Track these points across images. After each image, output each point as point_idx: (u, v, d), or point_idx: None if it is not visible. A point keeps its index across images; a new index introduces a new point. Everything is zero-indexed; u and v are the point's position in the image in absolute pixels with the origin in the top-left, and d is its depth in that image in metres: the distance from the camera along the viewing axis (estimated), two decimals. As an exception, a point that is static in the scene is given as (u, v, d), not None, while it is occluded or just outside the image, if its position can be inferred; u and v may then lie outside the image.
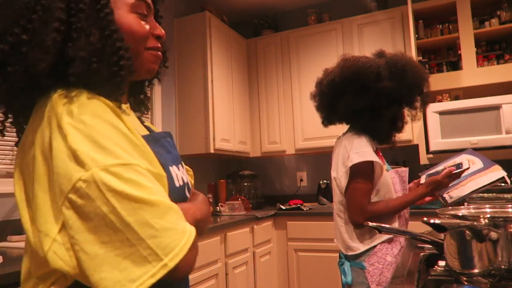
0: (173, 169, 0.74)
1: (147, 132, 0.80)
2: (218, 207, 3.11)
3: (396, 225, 1.51)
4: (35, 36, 0.62)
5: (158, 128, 2.97)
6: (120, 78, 0.67)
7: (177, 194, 0.71)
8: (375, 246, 1.46)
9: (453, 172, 1.49)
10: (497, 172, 1.49)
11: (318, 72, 3.54)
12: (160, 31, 0.77)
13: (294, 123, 3.43)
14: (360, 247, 1.47)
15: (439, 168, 1.58)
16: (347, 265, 1.48)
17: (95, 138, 0.58)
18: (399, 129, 1.63)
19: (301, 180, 3.70)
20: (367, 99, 1.48)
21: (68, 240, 0.57)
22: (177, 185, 0.73)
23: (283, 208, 3.17)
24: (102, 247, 0.55)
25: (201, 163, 3.48)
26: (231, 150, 3.26)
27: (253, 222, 2.81)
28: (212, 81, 3.07)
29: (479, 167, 1.51)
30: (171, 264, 0.56)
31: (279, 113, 3.51)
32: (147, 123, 0.90)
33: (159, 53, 0.77)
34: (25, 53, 0.61)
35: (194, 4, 3.51)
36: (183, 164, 0.83)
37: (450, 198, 1.50)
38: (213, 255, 2.31)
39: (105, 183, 0.56)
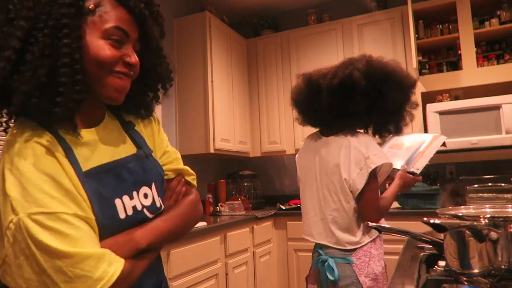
0: (121, 200, 0.76)
1: (112, 155, 0.80)
2: (218, 207, 3.11)
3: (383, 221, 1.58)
4: None
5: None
6: (61, 110, 0.68)
7: (123, 224, 0.75)
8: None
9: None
10: (440, 138, 1.68)
11: (318, 72, 3.52)
12: (132, 59, 0.76)
13: (294, 123, 3.42)
14: (364, 240, 1.48)
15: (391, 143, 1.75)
16: (331, 261, 1.48)
17: (25, 185, 0.64)
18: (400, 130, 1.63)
19: (301, 180, 3.69)
20: (379, 101, 1.50)
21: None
22: (122, 216, 0.76)
23: (283, 208, 3.17)
24: (25, 282, 0.63)
25: (201, 163, 3.48)
26: (231, 150, 3.26)
27: (253, 222, 2.81)
28: (212, 81, 3.07)
29: (427, 141, 1.67)
30: None
31: (279, 113, 3.50)
32: (140, 128, 0.91)
33: (123, 81, 0.76)
34: None
35: (194, 4, 3.51)
36: (153, 183, 0.84)
37: (417, 169, 1.61)
38: (213, 255, 2.31)
39: (27, 230, 0.62)
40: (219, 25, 3.24)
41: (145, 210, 0.81)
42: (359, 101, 1.45)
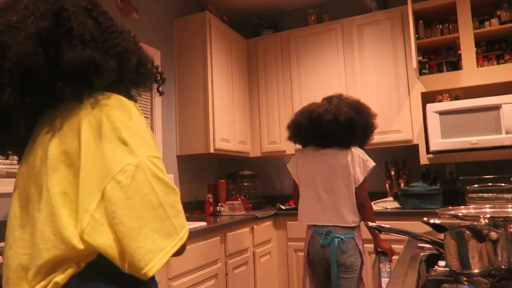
0: None
1: None
2: (218, 207, 3.11)
3: None
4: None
5: (158, 128, 2.97)
6: (160, 80, 0.90)
7: None
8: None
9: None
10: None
11: (318, 72, 3.54)
12: None
13: (294, 123, 3.43)
14: (358, 221, 2.10)
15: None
16: (343, 237, 2.05)
17: (139, 133, 0.73)
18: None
19: (301, 180, 3.70)
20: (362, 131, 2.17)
21: (102, 216, 0.67)
22: None
23: (283, 208, 3.17)
24: (139, 221, 0.67)
25: (201, 163, 3.48)
26: (231, 150, 3.26)
27: (253, 222, 2.81)
28: (212, 81, 3.07)
29: None
30: (184, 238, 0.71)
31: (279, 113, 3.50)
32: None
33: None
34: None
35: (194, 4, 3.51)
36: None
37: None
38: (213, 255, 2.31)
39: (150, 169, 0.70)
40: (219, 25, 3.24)
41: None
42: (356, 132, 2.10)
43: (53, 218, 0.69)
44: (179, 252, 0.72)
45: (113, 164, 0.68)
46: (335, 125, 2.05)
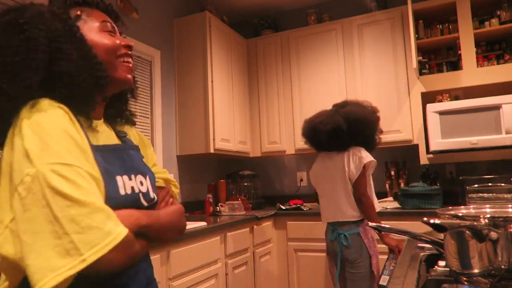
0: (122, 178, 0.81)
1: (114, 143, 0.90)
2: (218, 207, 3.11)
3: None
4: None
5: (158, 128, 2.97)
6: (100, 88, 0.81)
7: (122, 201, 0.78)
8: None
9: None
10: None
11: (318, 72, 3.54)
12: (128, 41, 0.91)
13: (294, 123, 3.43)
14: (357, 215, 2.21)
15: None
16: (346, 233, 2.17)
17: (44, 138, 0.67)
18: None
19: (301, 180, 3.70)
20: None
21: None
22: (122, 193, 0.79)
23: (283, 208, 3.17)
24: (33, 236, 0.62)
25: (201, 163, 3.48)
26: (231, 150, 3.26)
27: (253, 222, 2.81)
28: (212, 81, 3.07)
29: None
30: (90, 260, 0.62)
31: (279, 113, 3.50)
32: (133, 134, 1.02)
33: (130, 64, 0.90)
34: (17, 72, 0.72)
35: (194, 4, 3.51)
36: (147, 176, 0.91)
37: None
38: (213, 255, 2.31)
39: (45, 179, 0.64)
40: (219, 25, 3.24)
41: (140, 195, 0.85)
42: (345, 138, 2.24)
43: None
44: (97, 271, 0.64)
45: (16, 175, 0.65)
46: (324, 135, 2.26)
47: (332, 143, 2.27)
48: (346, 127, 2.21)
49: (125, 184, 0.81)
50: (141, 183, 0.86)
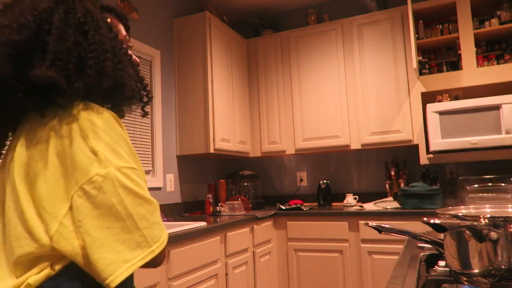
0: None
1: None
2: (218, 207, 3.11)
3: None
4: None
5: (158, 128, 2.97)
6: (143, 102, 0.89)
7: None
8: None
9: None
10: None
11: (318, 72, 3.55)
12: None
13: (294, 123, 3.43)
14: None
15: None
16: None
17: (110, 143, 0.72)
18: None
19: (301, 180, 3.70)
20: None
21: (71, 223, 0.68)
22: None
23: (283, 208, 3.17)
24: (104, 232, 0.67)
25: (201, 163, 3.48)
26: (231, 150, 3.26)
27: (253, 222, 2.81)
28: (212, 81, 3.07)
29: None
30: (157, 251, 0.71)
31: (279, 113, 3.50)
32: None
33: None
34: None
35: (194, 4, 3.51)
36: None
37: None
38: (213, 255, 2.31)
39: (118, 180, 0.69)
40: (219, 25, 3.24)
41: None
42: None
43: (25, 217, 0.70)
44: (154, 264, 0.72)
45: (81, 174, 0.68)
46: None
47: None
48: None
49: None
50: None
